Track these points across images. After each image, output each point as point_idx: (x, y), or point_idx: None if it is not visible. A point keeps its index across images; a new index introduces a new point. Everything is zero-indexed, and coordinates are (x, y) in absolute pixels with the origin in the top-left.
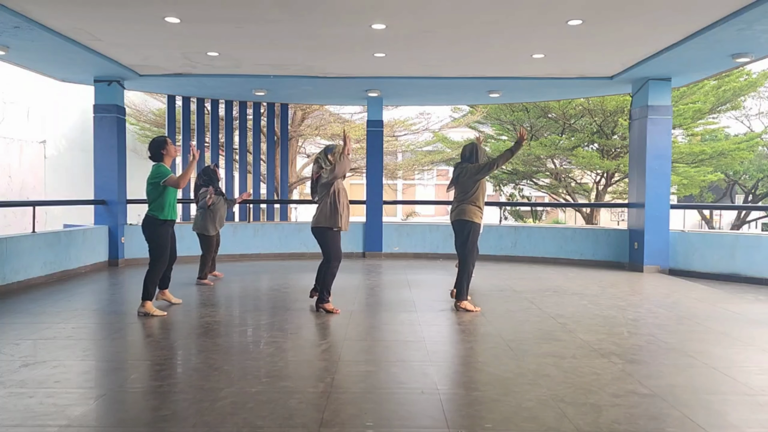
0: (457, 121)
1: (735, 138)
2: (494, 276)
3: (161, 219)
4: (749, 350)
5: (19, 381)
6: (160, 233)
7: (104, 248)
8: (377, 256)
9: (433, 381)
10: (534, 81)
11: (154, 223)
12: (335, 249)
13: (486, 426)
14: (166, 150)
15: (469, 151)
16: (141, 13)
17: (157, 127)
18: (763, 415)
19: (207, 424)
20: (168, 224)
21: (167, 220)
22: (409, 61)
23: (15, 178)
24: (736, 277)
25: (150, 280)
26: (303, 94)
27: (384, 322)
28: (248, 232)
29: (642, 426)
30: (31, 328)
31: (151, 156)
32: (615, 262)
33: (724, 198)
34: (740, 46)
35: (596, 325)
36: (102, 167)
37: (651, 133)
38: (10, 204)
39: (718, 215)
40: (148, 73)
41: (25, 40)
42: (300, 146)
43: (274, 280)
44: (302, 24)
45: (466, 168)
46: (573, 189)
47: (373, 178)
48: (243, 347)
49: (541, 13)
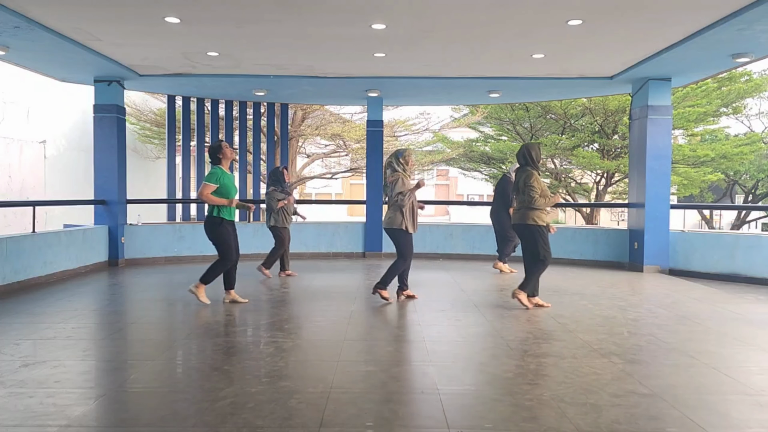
0: (458, 121)
1: (736, 139)
2: (494, 276)
3: (219, 218)
4: (749, 350)
5: (19, 381)
6: (221, 232)
7: (104, 248)
8: (377, 256)
9: (433, 381)
10: (534, 81)
11: (212, 222)
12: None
13: (486, 426)
14: (222, 153)
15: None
16: (141, 13)
17: (157, 126)
18: (763, 415)
19: (207, 424)
20: (226, 223)
21: (224, 219)
22: (409, 61)
23: (15, 178)
24: (736, 277)
25: (214, 270)
26: (303, 94)
27: (384, 322)
28: (248, 232)
29: (642, 426)
30: (31, 328)
31: (211, 161)
32: (615, 262)
33: (724, 198)
34: (740, 46)
35: (596, 325)
36: (102, 167)
37: (651, 133)
38: (10, 204)
39: (718, 215)
40: (148, 73)
41: (25, 40)
42: (300, 146)
43: (275, 280)
44: (303, 24)
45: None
46: (573, 189)
47: (373, 178)
48: (243, 347)
49: (541, 13)
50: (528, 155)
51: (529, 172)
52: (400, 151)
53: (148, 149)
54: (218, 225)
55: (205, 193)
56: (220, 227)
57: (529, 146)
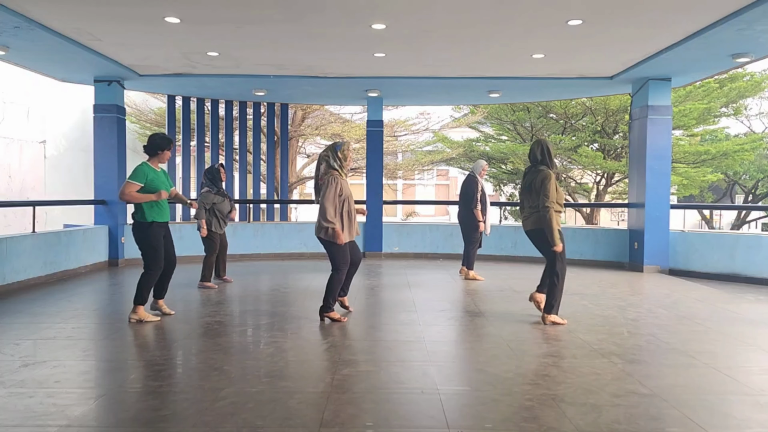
0: (458, 121)
1: (737, 139)
2: (494, 276)
3: (147, 222)
4: (749, 350)
5: (19, 381)
6: (148, 236)
7: (104, 248)
8: (377, 256)
9: (433, 381)
10: (534, 81)
11: (139, 227)
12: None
13: (486, 426)
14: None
15: (540, 153)
16: (141, 13)
17: (157, 126)
18: (763, 415)
19: (207, 424)
20: (155, 226)
21: (153, 222)
22: (409, 61)
23: (15, 178)
24: (736, 277)
25: (144, 285)
26: (303, 94)
27: (384, 322)
28: (248, 232)
29: (642, 426)
30: (31, 328)
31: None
32: (615, 262)
33: (724, 198)
34: (740, 46)
35: (596, 325)
36: (102, 167)
37: (651, 133)
38: (10, 204)
39: (718, 215)
40: (148, 73)
41: (25, 40)
42: (300, 146)
43: (275, 280)
44: (302, 24)
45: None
46: (573, 189)
47: (373, 178)
48: (243, 347)
49: (541, 13)
50: (546, 152)
51: (546, 172)
52: (338, 143)
53: None
54: (146, 228)
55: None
56: (149, 230)
57: (546, 142)
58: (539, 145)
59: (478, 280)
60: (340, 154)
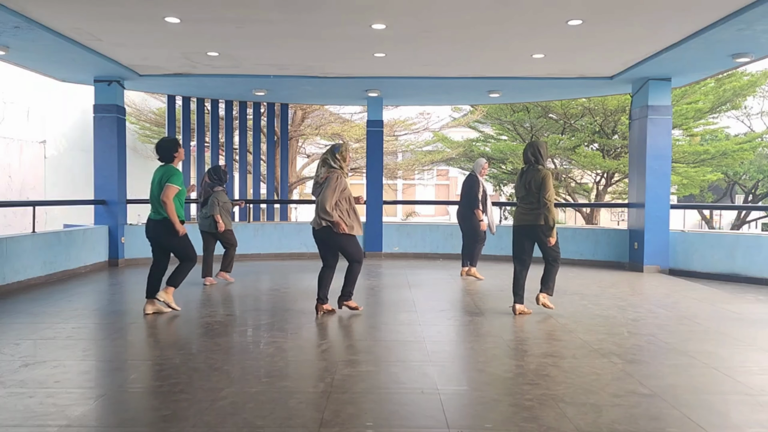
0: (458, 120)
1: (736, 138)
2: (494, 276)
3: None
4: (749, 350)
5: (19, 381)
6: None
7: (104, 248)
8: (377, 256)
9: (433, 381)
10: (534, 81)
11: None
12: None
13: (486, 426)
14: (178, 153)
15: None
16: (141, 13)
17: (157, 126)
18: (763, 415)
19: (207, 424)
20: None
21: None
22: (409, 61)
23: (15, 178)
24: (736, 277)
25: (184, 272)
26: (303, 94)
27: (384, 322)
28: (248, 232)
29: (642, 426)
30: (31, 328)
31: (161, 157)
32: (615, 262)
33: (724, 198)
34: (740, 46)
35: (596, 325)
36: (102, 167)
37: (651, 133)
38: (10, 204)
39: (718, 215)
40: (148, 73)
41: (25, 40)
42: (300, 146)
43: (275, 280)
44: (302, 24)
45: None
46: (573, 189)
47: (373, 177)
48: (243, 347)
49: (541, 13)
50: (539, 153)
51: (545, 171)
52: (336, 146)
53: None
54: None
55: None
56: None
57: (538, 143)
58: (531, 147)
59: (479, 278)
60: (339, 156)
